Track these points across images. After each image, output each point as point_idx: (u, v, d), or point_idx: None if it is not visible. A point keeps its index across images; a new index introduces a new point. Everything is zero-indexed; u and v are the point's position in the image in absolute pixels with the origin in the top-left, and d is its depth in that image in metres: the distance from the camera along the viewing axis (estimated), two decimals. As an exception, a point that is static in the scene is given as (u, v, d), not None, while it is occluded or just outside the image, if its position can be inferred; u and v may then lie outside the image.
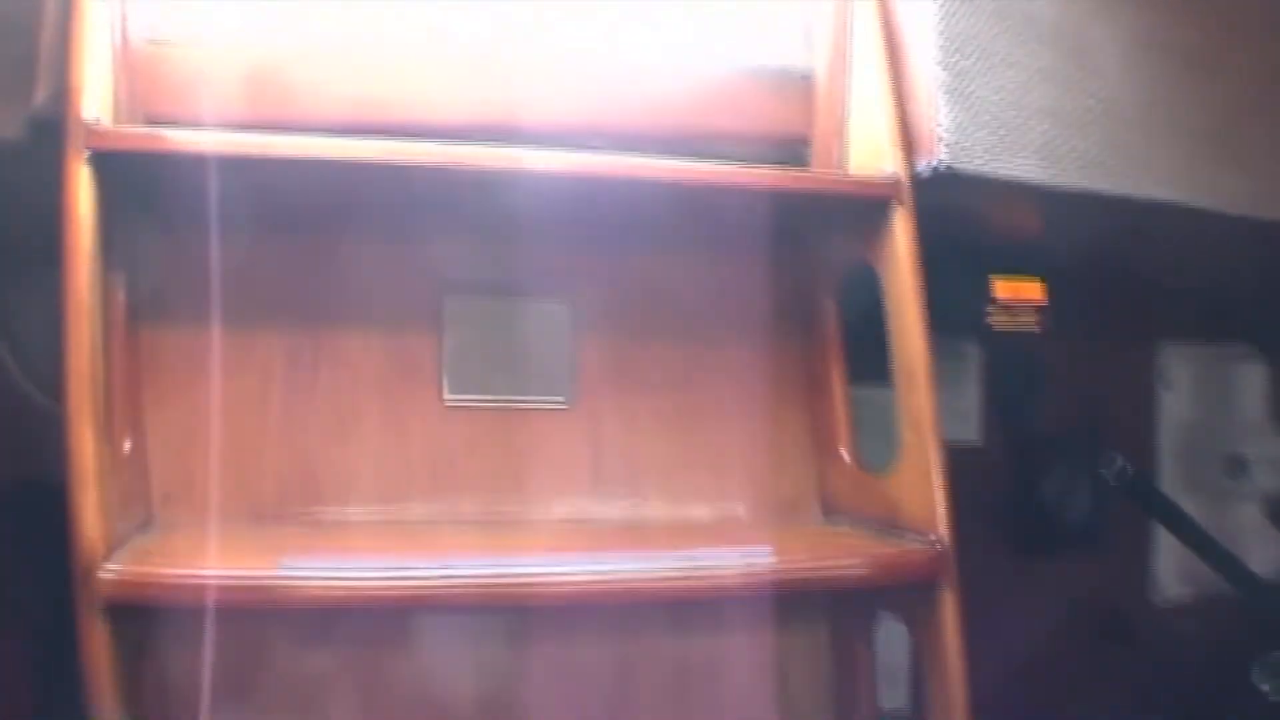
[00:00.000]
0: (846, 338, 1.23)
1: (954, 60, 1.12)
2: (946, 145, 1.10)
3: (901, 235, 1.10)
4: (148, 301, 1.10)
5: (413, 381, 1.18)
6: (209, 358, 1.12)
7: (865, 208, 1.13)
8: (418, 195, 1.14)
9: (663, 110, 1.22)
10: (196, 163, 0.99)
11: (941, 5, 1.12)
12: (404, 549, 1.04)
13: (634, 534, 1.16)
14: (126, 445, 1.03)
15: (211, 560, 0.96)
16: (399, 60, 1.17)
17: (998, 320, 1.33)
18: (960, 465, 1.08)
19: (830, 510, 1.25)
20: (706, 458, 1.23)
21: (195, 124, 1.08)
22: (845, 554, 1.07)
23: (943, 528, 1.04)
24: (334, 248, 1.17)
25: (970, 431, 1.54)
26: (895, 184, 1.11)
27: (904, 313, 1.09)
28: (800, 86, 1.25)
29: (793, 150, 1.24)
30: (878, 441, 1.16)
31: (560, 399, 1.21)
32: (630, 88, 1.21)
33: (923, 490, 1.06)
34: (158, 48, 1.11)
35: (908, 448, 1.09)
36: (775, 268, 1.26)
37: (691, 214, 1.21)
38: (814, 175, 1.19)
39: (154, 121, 1.09)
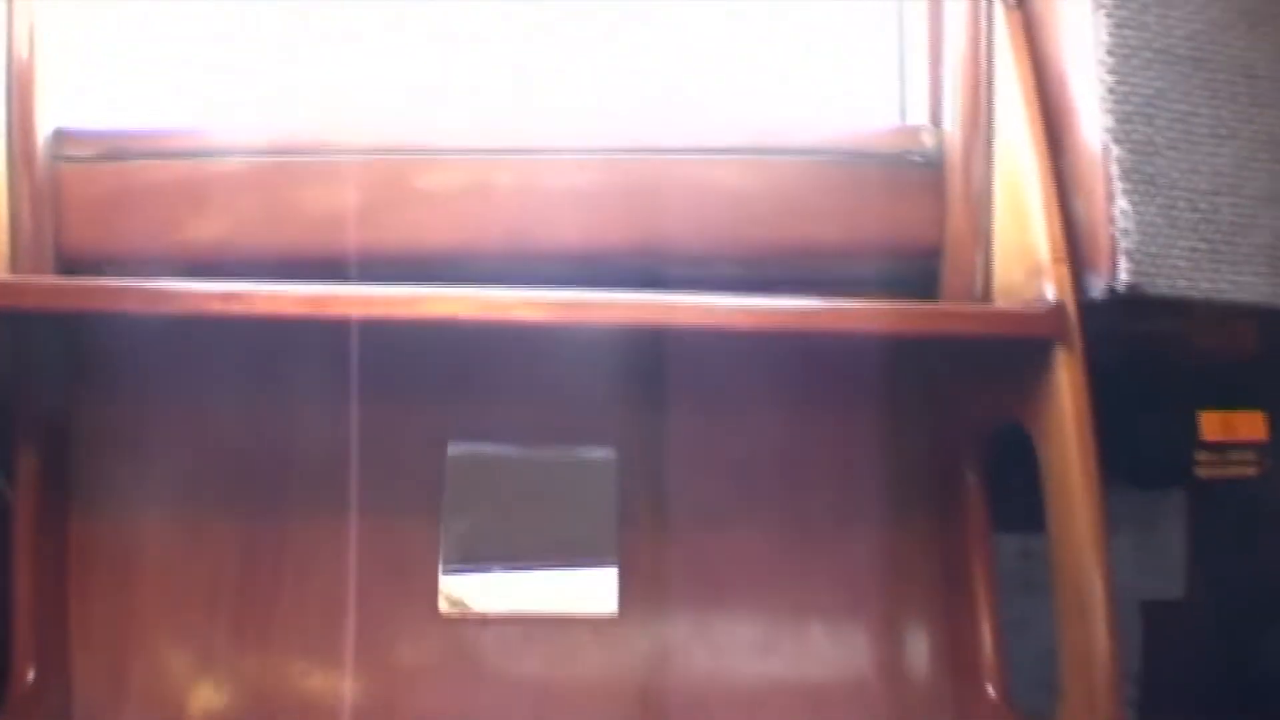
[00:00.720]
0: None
1: (1135, 131, 0.91)
2: (1129, 255, 0.89)
3: (1066, 388, 0.88)
4: (77, 482, 1.01)
5: (401, 585, 1.02)
6: (147, 551, 1.01)
7: (1015, 350, 0.93)
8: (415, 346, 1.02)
9: (739, 216, 1.03)
10: (113, 315, 0.90)
11: (1114, 53, 0.90)
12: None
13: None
14: (29, 675, 0.94)
15: None
16: (378, 171, 1.02)
17: (1207, 466, 1.16)
18: (1159, 623, 1.00)
19: (968, 760, 1.03)
20: (804, 686, 1.04)
21: (121, 258, 0.98)
22: None
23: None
24: (303, 411, 1.04)
25: (1172, 585, 1.36)
26: (1056, 316, 0.89)
27: (1070, 501, 0.87)
28: (924, 177, 1.04)
29: (916, 266, 1.04)
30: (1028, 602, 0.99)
31: (604, 605, 1.04)
32: (695, 186, 1.03)
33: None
34: (75, 166, 1.00)
35: (1072, 697, 0.86)
36: (897, 429, 1.08)
37: (784, 362, 1.04)
38: (942, 310, 0.99)
39: (69, 256, 0.99)
